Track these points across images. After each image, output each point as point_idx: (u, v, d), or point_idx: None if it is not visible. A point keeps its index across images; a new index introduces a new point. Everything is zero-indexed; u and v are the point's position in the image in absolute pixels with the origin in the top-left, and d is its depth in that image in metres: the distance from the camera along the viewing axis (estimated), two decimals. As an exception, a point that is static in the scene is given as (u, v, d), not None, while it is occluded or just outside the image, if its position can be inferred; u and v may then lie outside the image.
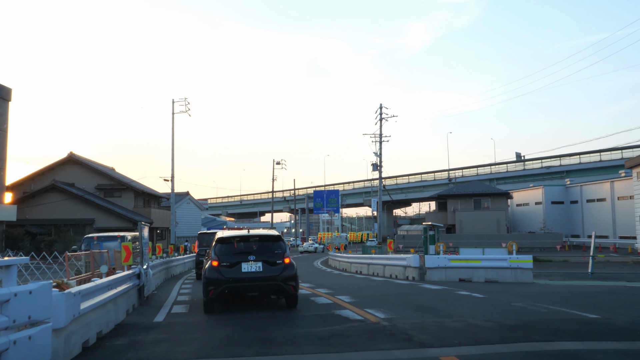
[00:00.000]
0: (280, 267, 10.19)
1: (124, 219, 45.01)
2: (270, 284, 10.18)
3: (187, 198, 62.81)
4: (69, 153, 48.26)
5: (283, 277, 10.13)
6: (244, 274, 9.95)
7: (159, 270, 17.72)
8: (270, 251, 10.37)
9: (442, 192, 57.53)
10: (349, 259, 26.48)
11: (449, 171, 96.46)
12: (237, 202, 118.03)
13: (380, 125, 45.15)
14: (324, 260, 40.92)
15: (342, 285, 16.45)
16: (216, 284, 9.98)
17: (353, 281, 18.69)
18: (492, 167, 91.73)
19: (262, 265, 10.05)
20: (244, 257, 10.09)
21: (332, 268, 29.57)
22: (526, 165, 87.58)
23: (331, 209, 69.35)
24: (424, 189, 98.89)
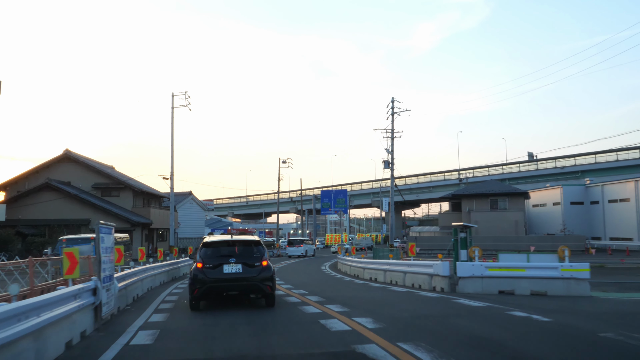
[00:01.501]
0: (259, 269, 11.11)
1: (121, 219, 42.02)
2: (248, 284, 11.10)
3: (189, 198, 59.85)
4: (65, 150, 45.40)
5: (261, 278, 11.07)
6: (225, 274, 10.91)
7: (139, 279, 14.55)
8: (249, 254, 11.29)
9: (456, 191, 54.24)
10: (362, 264, 23.32)
11: (459, 171, 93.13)
12: (244, 203, 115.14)
13: (392, 120, 42.05)
14: (333, 264, 37.74)
15: (358, 299, 13.31)
16: (200, 283, 10.92)
17: (370, 292, 15.53)
18: (504, 167, 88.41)
19: (242, 267, 11.00)
20: (226, 259, 11.03)
21: (342, 274, 26.41)
22: (539, 165, 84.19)
23: (339, 209, 66.13)
24: (434, 189, 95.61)
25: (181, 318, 10.69)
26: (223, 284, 10.99)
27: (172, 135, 39.87)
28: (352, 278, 22.95)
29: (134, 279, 14.05)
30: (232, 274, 10.92)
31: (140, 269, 16.10)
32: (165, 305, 13.00)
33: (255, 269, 11.07)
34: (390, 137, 41.59)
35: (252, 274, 11.01)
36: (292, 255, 47.80)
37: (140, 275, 15.45)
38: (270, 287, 11.18)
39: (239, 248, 11.39)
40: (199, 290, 10.96)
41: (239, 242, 11.61)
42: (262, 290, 11.19)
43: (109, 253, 10.17)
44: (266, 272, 11.17)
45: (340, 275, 25.23)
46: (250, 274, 11.01)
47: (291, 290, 16.11)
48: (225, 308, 11.71)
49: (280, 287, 17.20)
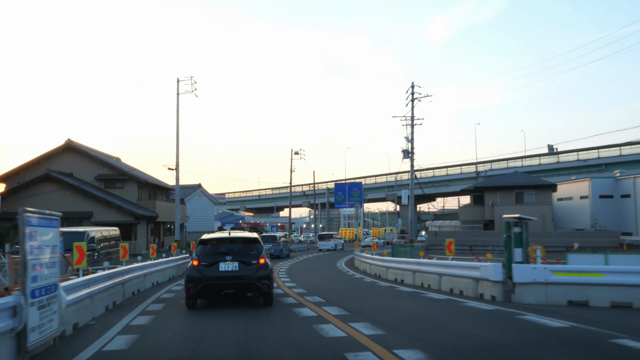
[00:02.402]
0: (255, 267, 10.73)
1: (125, 212, 39.27)
2: (245, 282, 10.75)
3: (198, 190, 56.97)
4: (67, 140, 42.66)
5: (257, 276, 10.69)
6: (221, 272, 10.59)
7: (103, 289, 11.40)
8: (246, 252, 10.90)
9: (478, 184, 50.67)
10: (385, 263, 20.12)
11: (476, 164, 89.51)
12: (255, 197, 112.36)
13: (412, 106, 38.68)
14: (349, 260, 34.58)
15: (390, 312, 10.17)
16: (195, 281, 10.61)
17: (403, 301, 12.32)
18: (523, 160, 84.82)
19: (238, 265, 10.64)
20: (222, 257, 10.69)
21: (362, 273, 23.28)
22: (560, 157, 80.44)
23: (354, 202, 62.88)
24: (450, 182, 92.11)
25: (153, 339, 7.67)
26: (219, 282, 10.67)
27: (177, 123, 36.91)
28: (374, 279, 19.79)
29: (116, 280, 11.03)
30: (228, 272, 10.60)
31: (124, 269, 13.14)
32: (154, 306, 10.05)
33: (252, 267, 10.74)
34: (410, 125, 38.31)
35: (249, 272, 10.69)
36: (322, 249, 48.31)
37: (131, 274, 12.45)
38: (267, 286, 10.85)
39: (236, 245, 11.10)
40: (194, 289, 10.64)
41: (236, 239, 11.37)
42: (259, 289, 10.84)
43: (47, 254, 7.11)
44: (263, 270, 10.81)
45: (359, 274, 22.08)
46: (247, 272, 10.68)
47: (304, 296, 13.01)
48: (222, 309, 10.98)
49: (290, 292, 14.10)
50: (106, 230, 17.70)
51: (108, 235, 17.48)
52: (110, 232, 17.93)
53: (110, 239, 17.52)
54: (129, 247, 38.57)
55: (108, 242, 17.18)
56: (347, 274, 22.91)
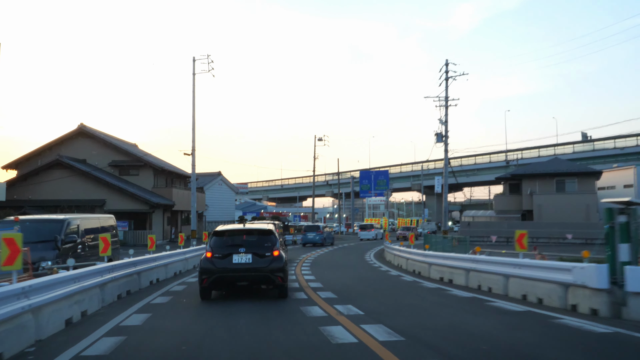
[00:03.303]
0: (269, 259, 10.42)
1: (139, 200, 36.58)
2: (258, 275, 10.46)
3: (219, 178, 54.13)
4: (79, 125, 40.07)
5: (271, 269, 10.39)
6: (234, 264, 10.31)
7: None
8: (260, 244, 10.62)
9: (515, 171, 46.79)
10: (426, 258, 16.76)
11: (506, 152, 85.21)
12: (278, 187, 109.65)
13: (446, 85, 35.03)
14: (378, 252, 31.34)
15: (462, 336, 6.93)
16: (209, 273, 10.37)
17: (468, 316, 8.97)
18: (555, 148, 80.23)
19: (252, 257, 10.37)
20: (235, 249, 10.42)
21: (396, 268, 20.02)
22: (595, 145, 75.76)
23: (380, 191, 59.37)
24: (478, 172, 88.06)
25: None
26: (232, 274, 10.49)
27: (193, 104, 34.00)
28: (414, 277, 16.50)
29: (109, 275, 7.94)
30: (242, 264, 10.39)
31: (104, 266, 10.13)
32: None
33: (265, 259, 10.48)
34: (444, 106, 34.72)
35: (262, 264, 10.44)
36: (363, 239, 47.95)
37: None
38: (281, 278, 10.59)
39: (250, 237, 10.84)
40: (208, 280, 10.49)
41: (250, 230, 11.10)
42: (272, 282, 10.61)
43: None
44: (277, 262, 10.55)
45: (395, 271, 18.80)
46: (261, 264, 10.43)
47: (333, 305, 9.82)
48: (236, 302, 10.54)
49: (316, 298, 10.91)
50: (95, 218, 14.70)
51: (99, 225, 14.49)
52: (101, 222, 14.92)
53: (102, 230, 14.55)
54: (142, 237, 36.21)
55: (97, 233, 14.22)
56: (380, 269, 19.65)
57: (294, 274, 16.85)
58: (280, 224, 28.84)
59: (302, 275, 16.55)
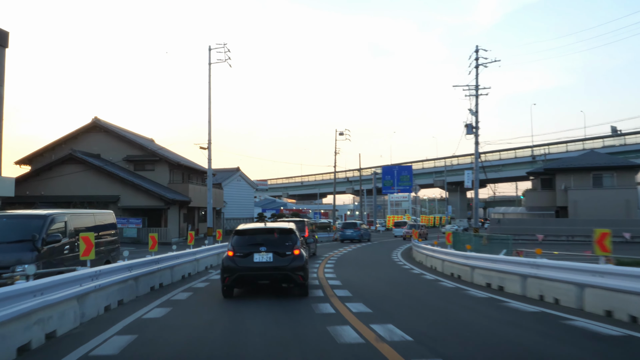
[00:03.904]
0: (290, 258, 10.38)
1: (154, 196, 34.81)
2: (279, 274, 10.43)
3: (237, 174, 52.25)
4: (94, 118, 38.46)
5: (292, 267, 10.34)
6: (255, 263, 10.30)
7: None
8: (281, 243, 10.58)
9: (548, 165, 43.93)
10: (468, 261, 14.43)
11: (532, 148, 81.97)
12: (298, 183, 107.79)
13: (477, 73, 32.54)
14: (406, 251, 29.11)
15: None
16: (230, 271, 10.37)
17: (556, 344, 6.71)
18: (584, 143, 76.82)
19: (273, 256, 10.34)
20: (256, 248, 10.39)
21: (430, 270, 17.74)
22: (627, 139, 72.29)
23: (403, 187, 56.86)
24: (503, 168, 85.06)
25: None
26: (253, 272, 10.42)
27: (209, 95, 31.99)
28: (454, 281, 14.23)
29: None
30: (263, 262, 10.32)
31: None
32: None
33: (286, 258, 10.39)
34: (475, 95, 32.24)
35: (283, 263, 10.34)
36: (397, 235, 47.51)
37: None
38: (302, 277, 10.46)
39: (271, 236, 10.74)
40: (229, 279, 10.47)
41: (271, 229, 10.97)
42: (293, 280, 10.49)
43: None
44: (298, 261, 10.41)
45: (430, 274, 16.50)
46: (281, 263, 10.34)
47: (369, 324, 7.61)
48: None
49: (346, 312, 8.72)
50: (89, 214, 12.66)
51: (94, 222, 12.49)
52: (98, 218, 12.92)
53: (98, 228, 12.60)
54: (159, 234, 34.38)
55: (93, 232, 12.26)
56: (412, 272, 17.41)
57: (317, 277, 14.71)
58: (310, 221, 28.53)
59: (326, 280, 14.39)
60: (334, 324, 7.63)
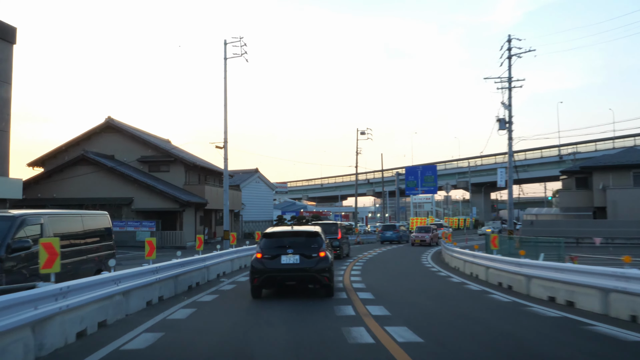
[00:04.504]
0: (316, 260, 10.57)
1: (168, 198, 32.99)
2: (306, 275, 10.63)
3: (256, 176, 50.32)
4: (107, 118, 36.87)
5: (318, 269, 10.53)
6: (282, 265, 10.52)
7: None
8: (307, 245, 10.76)
9: (584, 163, 41.04)
10: (521, 268, 12.04)
11: (559, 147, 78.75)
12: (318, 186, 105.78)
13: (509, 64, 30.02)
14: (435, 254, 26.78)
15: None
16: (259, 273, 10.61)
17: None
18: (614, 141, 73.49)
19: (299, 258, 10.56)
20: (284, 250, 10.60)
21: (472, 279, 15.41)
22: (660, 137, 68.77)
23: (427, 188, 54.29)
24: (528, 168, 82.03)
25: None
26: (281, 274, 10.65)
27: (225, 92, 30.09)
28: (505, 293, 11.91)
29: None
30: (290, 264, 10.54)
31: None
32: None
33: (312, 260, 10.58)
34: (507, 88, 29.76)
35: (309, 265, 10.55)
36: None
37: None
38: (327, 278, 10.68)
39: (297, 239, 10.98)
40: (258, 280, 10.70)
41: (297, 233, 11.31)
42: (319, 281, 10.71)
43: None
44: (323, 263, 10.60)
45: (473, 283, 14.14)
46: (308, 264, 10.55)
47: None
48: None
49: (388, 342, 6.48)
50: (76, 216, 10.64)
51: (82, 227, 10.48)
52: (87, 222, 10.88)
53: (88, 234, 10.64)
54: (172, 238, 32.57)
55: (79, 238, 10.29)
56: (450, 280, 15.10)
57: (341, 281, 12.51)
58: (342, 224, 28.55)
59: (354, 289, 12.19)
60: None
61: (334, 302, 10.36)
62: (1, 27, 26.96)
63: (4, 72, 27.13)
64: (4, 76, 27.11)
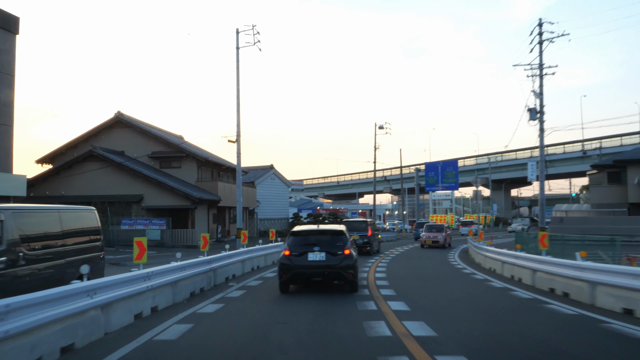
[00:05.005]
0: (341, 257, 10.91)
1: (179, 194, 31.34)
2: (331, 271, 10.93)
3: (271, 172, 48.52)
4: (117, 113, 35.38)
5: (343, 266, 10.87)
6: (309, 262, 10.89)
7: None
8: (333, 243, 11.14)
9: (618, 157, 38.45)
10: (583, 273, 9.96)
11: (583, 142, 75.89)
12: (334, 183, 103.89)
13: (540, 50, 27.74)
14: (462, 253, 24.76)
15: None
16: (287, 269, 11.01)
17: None
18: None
19: (325, 255, 10.87)
20: (310, 247, 11.01)
21: (512, 283, 13.39)
22: (694, 131, 65.63)
23: (448, 184, 52.04)
24: (552, 163, 79.28)
25: None
26: (307, 270, 10.93)
27: (237, 82, 28.25)
28: (565, 304, 9.88)
29: None
30: (316, 261, 10.87)
31: None
32: None
33: (337, 257, 10.90)
34: (539, 75, 27.52)
35: (334, 261, 10.86)
36: (464, 234, 44.26)
37: None
38: (352, 275, 10.99)
39: (324, 237, 11.29)
40: (286, 276, 11.04)
41: (323, 231, 11.58)
42: (344, 278, 11.01)
43: None
44: (348, 260, 10.95)
45: (518, 289, 12.11)
46: (333, 261, 10.85)
47: None
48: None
49: None
50: (52, 212, 8.87)
51: (60, 227, 8.73)
52: (66, 220, 9.12)
53: (67, 234, 8.91)
54: (183, 236, 30.86)
55: (56, 239, 8.54)
56: (492, 285, 13.08)
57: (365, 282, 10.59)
58: (372, 221, 28.24)
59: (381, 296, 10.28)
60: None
61: (356, 297, 10.25)
62: (3, 17, 25.47)
63: (6, 64, 25.63)
64: (6, 68, 25.62)
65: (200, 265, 11.87)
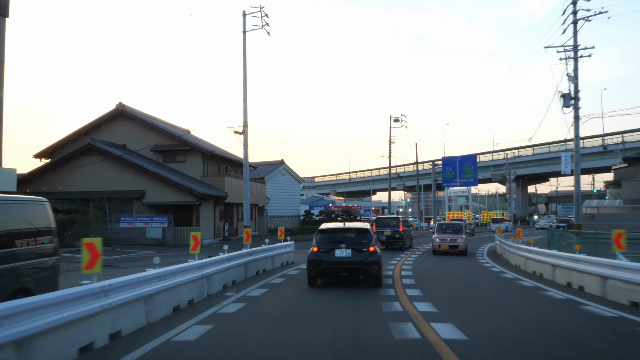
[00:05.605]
0: (366, 254, 11.41)
1: (183, 190, 29.00)
2: (357, 267, 11.50)
3: (281, 168, 46.04)
4: (118, 104, 33.12)
5: (368, 262, 11.35)
6: (336, 258, 11.40)
7: None
8: (358, 241, 11.65)
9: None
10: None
11: (603, 137, 72.52)
12: (346, 180, 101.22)
13: (574, 31, 25.02)
14: (490, 252, 22.16)
15: None
16: (315, 264, 11.56)
17: None
18: (666, 129, 67.22)
19: (351, 252, 11.40)
20: (337, 244, 11.53)
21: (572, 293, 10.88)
22: None
23: (466, 180, 49.23)
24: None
25: None
26: (334, 266, 11.45)
27: (244, 69, 25.85)
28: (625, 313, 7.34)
29: None
30: (343, 257, 11.35)
31: None
32: None
33: (363, 254, 11.36)
34: (573, 58, 24.80)
35: (360, 258, 11.34)
36: (494, 230, 44.30)
37: None
38: (376, 270, 11.40)
39: (349, 235, 11.77)
40: (314, 271, 11.56)
41: (349, 229, 12.00)
42: (369, 273, 11.47)
43: None
44: (373, 256, 11.39)
45: (587, 301, 9.54)
46: (359, 258, 11.34)
47: None
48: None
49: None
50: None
51: None
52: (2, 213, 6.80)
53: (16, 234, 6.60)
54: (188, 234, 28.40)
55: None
56: (550, 295, 10.51)
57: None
58: (404, 218, 28.04)
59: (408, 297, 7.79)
60: None
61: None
62: (-9, -2, 23.25)
63: (-5, 48, 23.43)
64: (-5, 52, 23.41)
65: (188, 271, 9.44)
